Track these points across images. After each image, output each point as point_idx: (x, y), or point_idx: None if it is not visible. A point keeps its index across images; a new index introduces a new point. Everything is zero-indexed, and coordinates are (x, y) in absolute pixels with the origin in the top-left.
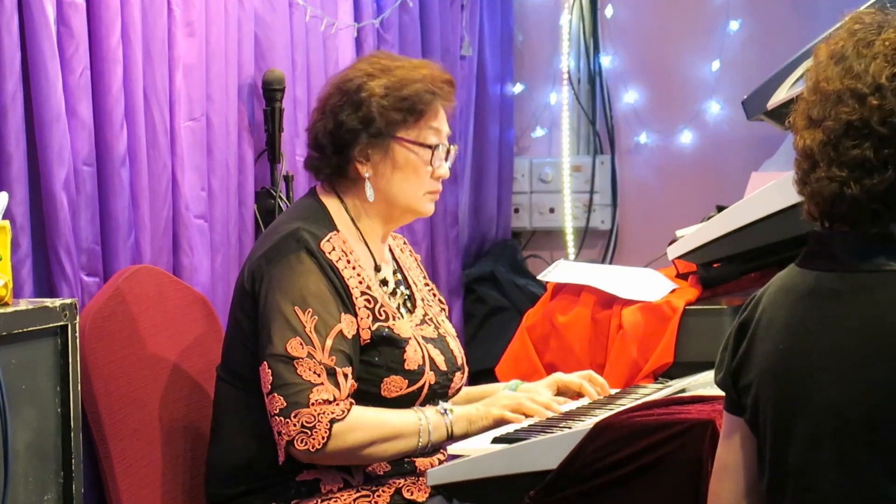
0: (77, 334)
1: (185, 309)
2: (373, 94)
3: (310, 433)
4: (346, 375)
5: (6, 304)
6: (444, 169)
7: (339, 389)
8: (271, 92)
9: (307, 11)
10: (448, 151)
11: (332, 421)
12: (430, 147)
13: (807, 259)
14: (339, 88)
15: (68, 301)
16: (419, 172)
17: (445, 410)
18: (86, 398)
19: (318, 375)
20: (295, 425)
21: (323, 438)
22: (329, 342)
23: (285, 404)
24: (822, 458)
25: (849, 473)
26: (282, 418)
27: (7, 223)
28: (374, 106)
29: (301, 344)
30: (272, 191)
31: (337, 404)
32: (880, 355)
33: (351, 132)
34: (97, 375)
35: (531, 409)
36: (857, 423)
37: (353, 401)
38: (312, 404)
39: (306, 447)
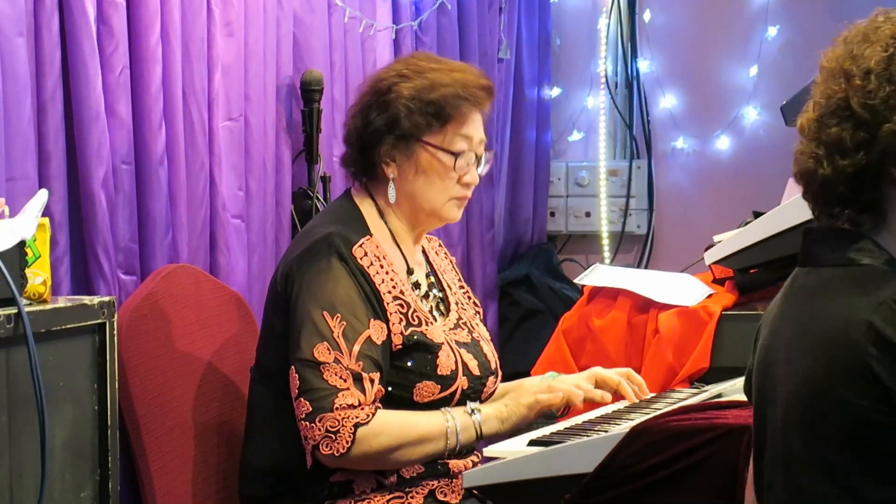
0: (115, 332)
1: (221, 308)
2: (400, 96)
3: (334, 437)
4: (372, 381)
5: (45, 301)
6: (471, 175)
7: (365, 394)
8: (309, 93)
9: (346, 13)
10: (479, 158)
11: (357, 425)
12: (454, 154)
13: (798, 256)
14: (371, 87)
15: (106, 299)
16: (443, 178)
17: (473, 410)
18: (122, 396)
19: (345, 381)
20: (320, 430)
21: (347, 443)
22: (357, 348)
23: (311, 409)
24: (776, 454)
25: (791, 468)
26: (307, 423)
27: (46, 220)
28: (400, 108)
29: (328, 349)
30: (309, 191)
31: (362, 409)
32: (816, 351)
33: (376, 133)
34: (134, 373)
35: (560, 387)
36: (795, 417)
37: (379, 405)
38: (336, 409)
39: (331, 451)
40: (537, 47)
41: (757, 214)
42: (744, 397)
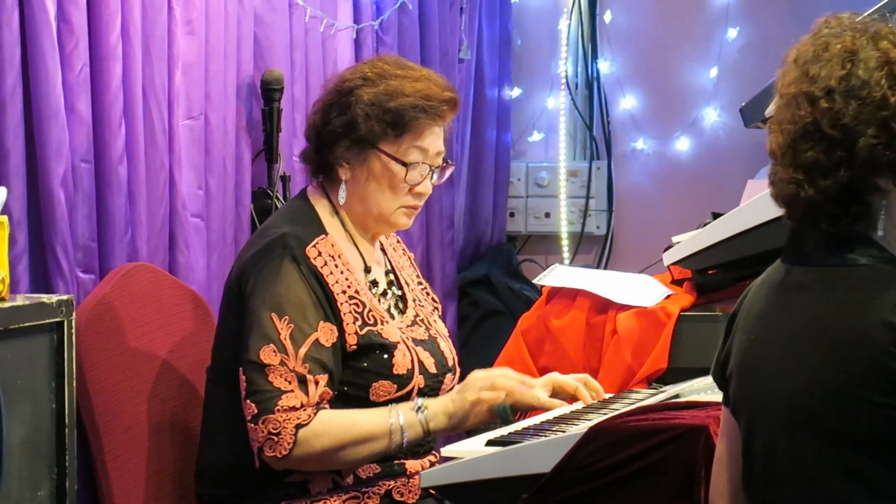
0: (73, 331)
1: (180, 307)
2: (360, 100)
3: (276, 440)
4: (317, 383)
5: (3, 300)
6: (423, 187)
7: (309, 396)
8: (270, 92)
9: (307, 12)
10: (433, 170)
11: (298, 427)
12: (405, 164)
13: (785, 252)
14: (335, 87)
15: (64, 297)
16: (394, 186)
17: (419, 407)
18: (80, 395)
19: (290, 383)
20: (263, 432)
21: (289, 444)
22: (303, 350)
23: (256, 411)
24: (778, 448)
25: (800, 465)
26: (252, 425)
27: (5, 218)
28: (359, 113)
29: (274, 351)
30: (269, 191)
31: (304, 410)
32: (827, 351)
33: (333, 134)
34: (92, 372)
35: (503, 384)
36: (805, 415)
37: (325, 407)
38: (278, 411)
39: (274, 453)
40: (498, 48)
41: (716, 216)
42: (701, 398)
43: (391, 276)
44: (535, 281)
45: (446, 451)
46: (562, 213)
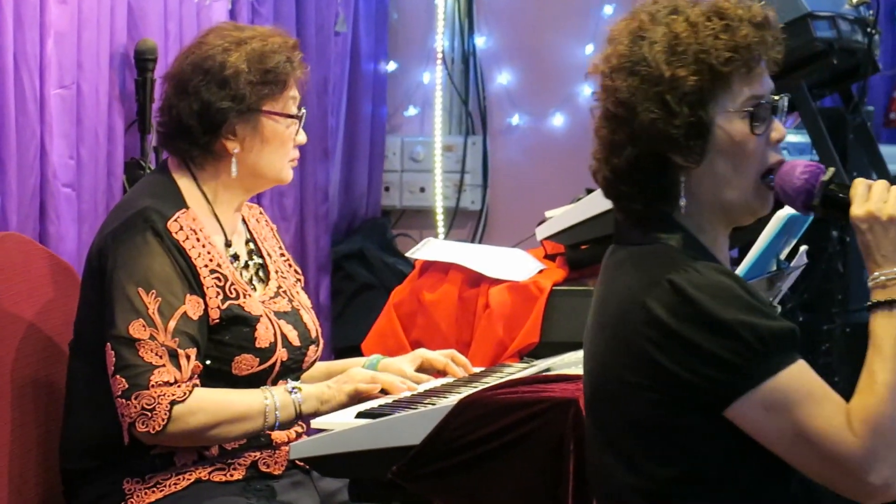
0: None
1: (50, 277)
2: (238, 70)
3: (150, 415)
4: (188, 357)
5: None
6: (302, 135)
7: (181, 371)
8: (143, 62)
9: None
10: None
11: (173, 403)
12: (294, 117)
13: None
14: (198, 67)
15: None
16: (285, 143)
17: (294, 389)
18: None
19: (161, 357)
20: (136, 407)
21: (163, 420)
22: (172, 324)
23: (127, 386)
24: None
25: (590, 445)
26: (123, 400)
27: None
28: (241, 82)
29: (143, 326)
30: (141, 161)
31: (178, 386)
32: (602, 330)
33: (221, 111)
34: None
35: (382, 379)
36: (589, 396)
37: (196, 382)
38: (152, 386)
39: (147, 429)
40: (374, 21)
41: (590, 191)
42: (572, 371)
43: (251, 246)
44: (407, 254)
45: (316, 423)
46: (437, 188)
